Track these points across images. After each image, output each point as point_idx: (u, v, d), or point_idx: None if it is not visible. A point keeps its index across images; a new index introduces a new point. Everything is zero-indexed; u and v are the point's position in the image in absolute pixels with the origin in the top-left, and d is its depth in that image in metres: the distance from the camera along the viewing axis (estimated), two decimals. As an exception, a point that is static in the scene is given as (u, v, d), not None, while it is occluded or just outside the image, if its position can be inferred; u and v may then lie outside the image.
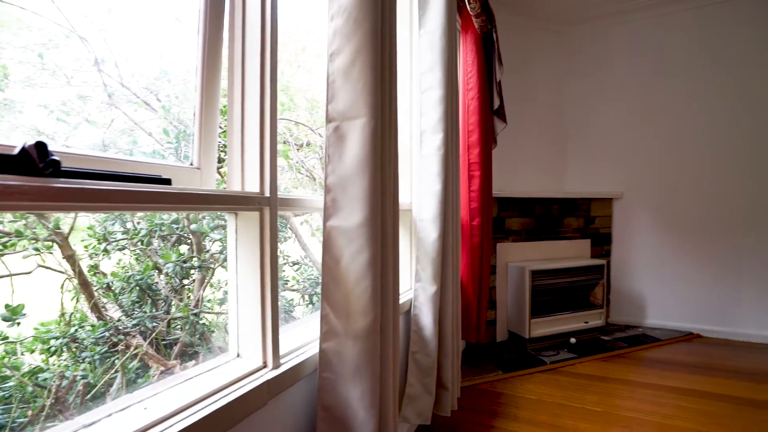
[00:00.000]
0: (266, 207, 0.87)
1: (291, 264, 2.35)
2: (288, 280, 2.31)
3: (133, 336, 1.39)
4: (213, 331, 1.75)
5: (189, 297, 1.75)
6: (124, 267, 1.56)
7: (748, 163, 2.77)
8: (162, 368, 1.38)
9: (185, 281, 1.74)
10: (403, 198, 1.80)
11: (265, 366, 0.87)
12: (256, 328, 0.87)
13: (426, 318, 1.49)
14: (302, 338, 1.07)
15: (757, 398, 1.94)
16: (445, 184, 1.52)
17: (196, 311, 1.69)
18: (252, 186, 0.89)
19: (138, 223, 1.58)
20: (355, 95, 0.90)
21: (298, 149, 2.50)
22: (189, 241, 1.76)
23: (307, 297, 2.30)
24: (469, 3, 2.10)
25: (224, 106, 0.97)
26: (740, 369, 2.30)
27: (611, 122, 3.13)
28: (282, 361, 0.91)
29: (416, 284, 1.52)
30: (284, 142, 2.38)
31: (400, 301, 1.53)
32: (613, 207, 3.13)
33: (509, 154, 2.93)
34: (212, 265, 1.82)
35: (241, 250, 0.89)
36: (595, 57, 3.17)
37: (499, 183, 2.77)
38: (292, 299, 2.31)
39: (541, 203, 2.91)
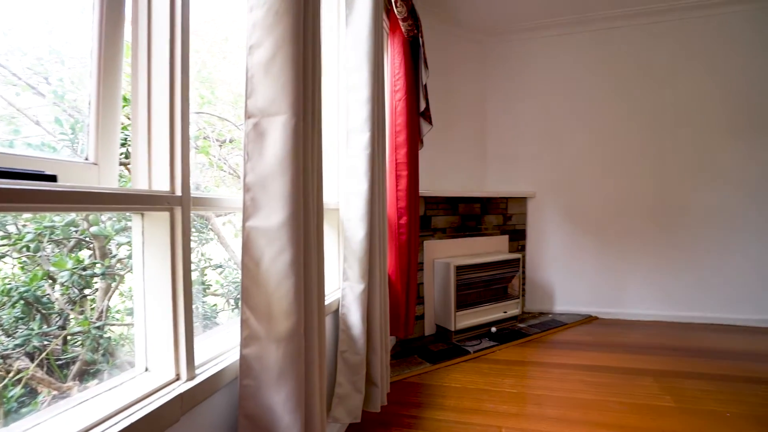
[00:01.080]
0: (177, 207, 0.81)
1: (214, 267, 2.21)
2: (210, 285, 2.17)
3: (17, 358, 1.20)
4: (122, 345, 1.58)
5: (92, 309, 1.56)
6: (4, 278, 1.34)
7: (640, 166, 3.21)
8: (55, 392, 1.21)
9: (87, 291, 1.55)
10: (330, 197, 1.79)
11: (178, 378, 0.81)
12: (167, 339, 0.80)
13: (354, 317, 1.50)
14: (223, 345, 1.01)
15: (638, 367, 2.26)
16: (372, 184, 1.54)
17: (99, 324, 1.51)
18: (160, 184, 0.81)
19: (24, 225, 1.37)
20: (276, 91, 0.87)
21: (220, 146, 2.36)
22: (91, 245, 1.57)
23: (232, 301, 2.18)
24: (396, 6, 2.15)
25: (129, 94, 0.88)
26: (628, 343, 2.66)
27: (526, 128, 3.42)
28: (198, 371, 0.85)
29: (344, 283, 1.52)
30: (205, 138, 2.23)
31: (328, 301, 1.52)
32: (528, 205, 3.43)
33: (435, 155, 3.06)
34: (120, 272, 1.64)
35: (148, 253, 0.82)
36: (513, 67, 3.43)
37: (426, 183, 2.89)
38: (215, 304, 2.18)
39: (465, 202, 3.08)
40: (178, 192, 0.81)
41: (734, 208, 3.03)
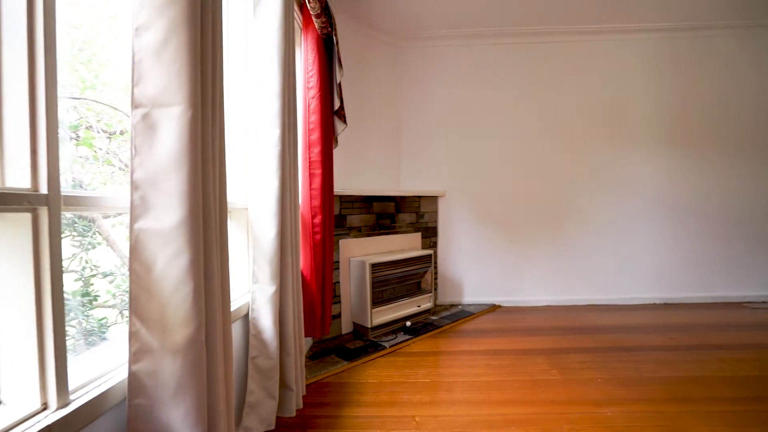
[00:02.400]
0: (43, 207, 0.69)
1: (102, 275, 1.94)
2: (99, 295, 1.90)
3: None
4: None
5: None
6: None
7: (537, 169, 3.60)
8: None
9: None
10: (238, 196, 1.70)
11: (45, 408, 0.69)
12: (29, 362, 0.68)
13: (265, 320, 1.44)
14: (111, 362, 0.89)
15: (533, 348, 2.54)
16: (283, 182, 1.49)
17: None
18: (18, 180, 0.69)
19: None
20: (169, 79, 0.80)
21: (109, 138, 2.07)
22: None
23: (127, 313, 1.94)
24: (310, 2, 2.11)
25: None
26: (526, 327, 2.97)
27: (437, 130, 3.62)
28: (74, 396, 0.74)
29: (254, 286, 1.45)
30: (89, 128, 1.94)
31: (236, 306, 1.44)
32: (438, 204, 3.63)
33: (350, 154, 3.07)
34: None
35: (3, 261, 0.68)
36: (423, 72, 3.60)
37: (341, 181, 2.89)
38: (104, 318, 1.91)
39: (380, 201, 3.16)
40: (43, 190, 0.70)
41: (606, 208, 3.57)
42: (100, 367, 0.87)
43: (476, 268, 3.64)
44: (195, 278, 0.80)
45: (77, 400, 0.73)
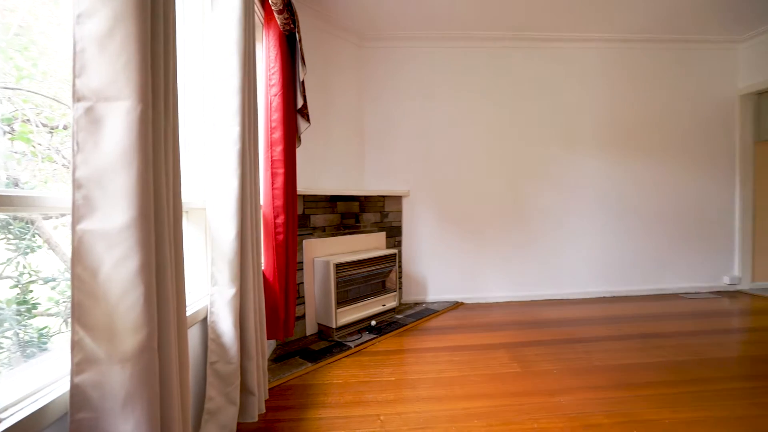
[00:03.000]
0: (-31, 207, 0.63)
1: (43, 281, 1.80)
2: (38, 303, 1.75)
3: None
4: None
5: None
6: None
7: (497, 170, 3.72)
8: None
9: None
10: (195, 195, 1.63)
11: (-30, 428, 0.63)
12: (-47, 377, 0.62)
13: (225, 323, 1.39)
14: (51, 375, 0.83)
15: (494, 343, 2.63)
16: (244, 181, 1.45)
17: None
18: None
19: None
20: (116, 72, 0.75)
21: (51, 132, 1.92)
22: None
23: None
24: (270, -3, 2.06)
25: None
26: (487, 323, 3.07)
27: (401, 130, 3.65)
28: (4, 415, 0.68)
29: (213, 288, 1.40)
30: (25, 121, 1.79)
31: (194, 309, 1.38)
32: (403, 203, 3.67)
33: (314, 153, 3.04)
34: None
35: None
36: (388, 72, 3.62)
37: (304, 181, 2.85)
38: (46, 327, 1.77)
39: (344, 200, 3.14)
40: (-30, 188, 0.63)
41: (560, 207, 3.76)
42: (39, 381, 0.81)
43: (440, 266, 3.71)
44: (146, 282, 0.76)
45: (8, 419, 0.67)
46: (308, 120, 2.50)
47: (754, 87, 3.73)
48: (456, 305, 3.59)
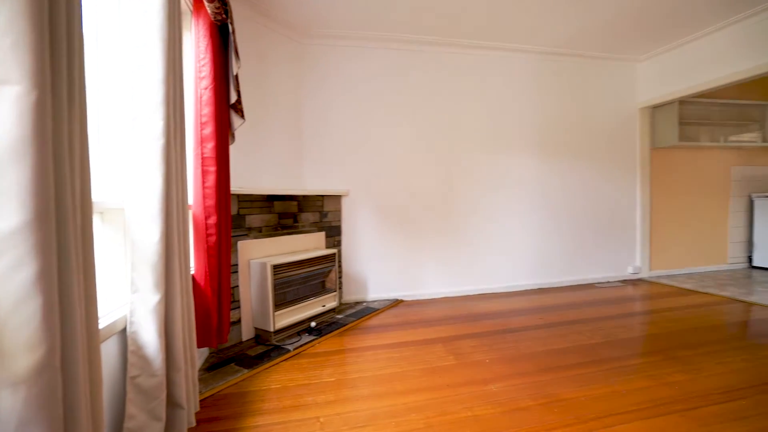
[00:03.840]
0: None
1: None
2: None
3: None
4: None
5: None
6: None
7: (433, 170, 3.83)
8: None
9: None
10: (111, 194, 1.48)
11: None
12: None
13: (147, 334, 1.28)
14: None
15: (431, 337, 2.72)
16: (168, 179, 1.34)
17: None
18: None
19: None
20: (3, 53, 0.65)
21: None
22: None
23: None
24: (198, -17, 1.93)
25: None
26: (425, 319, 3.16)
27: (340, 129, 3.62)
28: None
29: (133, 296, 1.28)
30: None
31: (109, 320, 1.26)
32: (342, 203, 3.65)
33: (249, 151, 2.90)
34: None
35: None
36: (326, 70, 3.57)
37: (239, 180, 2.71)
38: None
39: (281, 200, 3.04)
40: None
41: (492, 204, 3.98)
42: None
43: (380, 265, 3.75)
44: (45, 292, 0.67)
45: None
46: (243, 116, 2.38)
47: (650, 101, 4.27)
48: (396, 303, 3.65)
